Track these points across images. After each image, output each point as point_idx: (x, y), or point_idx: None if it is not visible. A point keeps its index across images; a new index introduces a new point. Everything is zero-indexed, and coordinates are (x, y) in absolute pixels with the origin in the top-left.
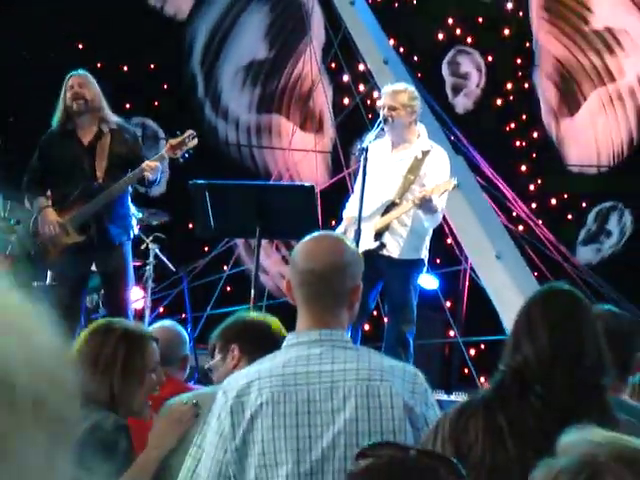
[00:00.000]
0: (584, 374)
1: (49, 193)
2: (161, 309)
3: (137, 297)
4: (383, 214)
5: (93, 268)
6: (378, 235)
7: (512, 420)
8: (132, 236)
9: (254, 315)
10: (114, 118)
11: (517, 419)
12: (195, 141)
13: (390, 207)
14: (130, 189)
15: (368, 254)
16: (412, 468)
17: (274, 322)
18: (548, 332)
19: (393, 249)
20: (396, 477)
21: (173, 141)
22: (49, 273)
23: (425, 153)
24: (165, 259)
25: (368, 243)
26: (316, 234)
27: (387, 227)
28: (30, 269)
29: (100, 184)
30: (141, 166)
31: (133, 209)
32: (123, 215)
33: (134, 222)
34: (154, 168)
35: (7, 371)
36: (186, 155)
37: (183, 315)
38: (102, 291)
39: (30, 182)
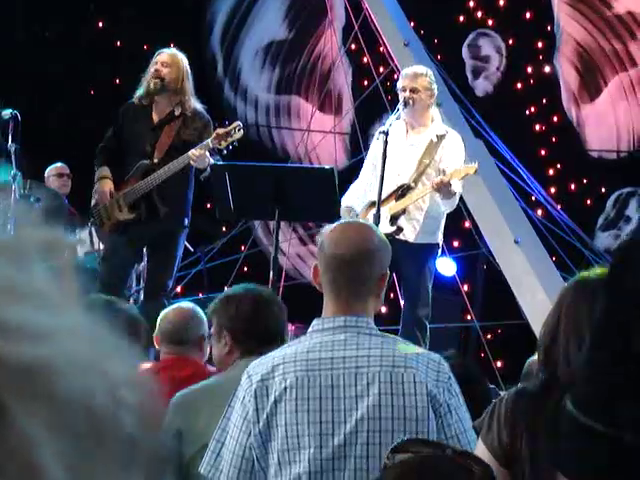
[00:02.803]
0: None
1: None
2: (179, 289)
3: None
4: (398, 198)
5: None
6: (394, 219)
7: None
8: (186, 224)
9: (247, 297)
10: (194, 104)
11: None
12: (241, 133)
13: (406, 191)
14: (190, 175)
15: None
16: (447, 467)
17: (270, 306)
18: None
19: (409, 233)
20: (430, 474)
21: (220, 130)
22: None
23: (440, 137)
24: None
25: (384, 227)
26: (344, 221)
27: (403, 211)
28: None
29: (155, 164)
30: (186, 154)
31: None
32: (176, 200)
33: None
34: (199, 156)
35: (95, 411)
36: (230, 147)
37: (200, 295)
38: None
39: (101, 149)
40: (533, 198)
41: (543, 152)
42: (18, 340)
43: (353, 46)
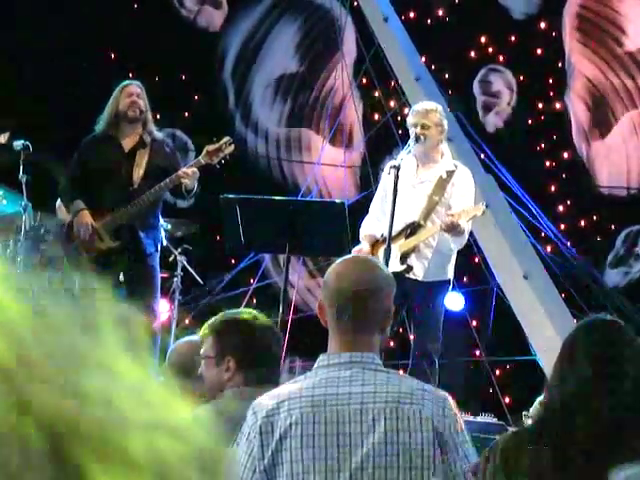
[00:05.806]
0: (625, 397)
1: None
2: (187, 320)
3: (164, 309)
4: (408, 236)
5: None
6: (403, 257)
7: (556, 458)
8: (159, 248)
9: (254, 323)
10: (157, 132)
11: (561, 456)
12: (232, 147)
13: (415, 229)
14: (161, 202)
15: (394, 276)
16: None
17: (273, 333)
18: (591, 365)
19: (418, 271)
20: None
21: (210, 147)
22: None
23: (450, 173)
24: (192, 271)
25: (394, 265)
26: (349, 257)
27: (413, 249)
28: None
29: (135, 190)
30: (177, 173)
31: (162, 221)
32: (154, 226)
33: (162, 234)
34: (191, 175)
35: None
36: (222, 162)
37: None
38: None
39: (67, 184)
40: (543, 234)
41: (553, 188)
42: (93, 405)
43: (364, 80)
